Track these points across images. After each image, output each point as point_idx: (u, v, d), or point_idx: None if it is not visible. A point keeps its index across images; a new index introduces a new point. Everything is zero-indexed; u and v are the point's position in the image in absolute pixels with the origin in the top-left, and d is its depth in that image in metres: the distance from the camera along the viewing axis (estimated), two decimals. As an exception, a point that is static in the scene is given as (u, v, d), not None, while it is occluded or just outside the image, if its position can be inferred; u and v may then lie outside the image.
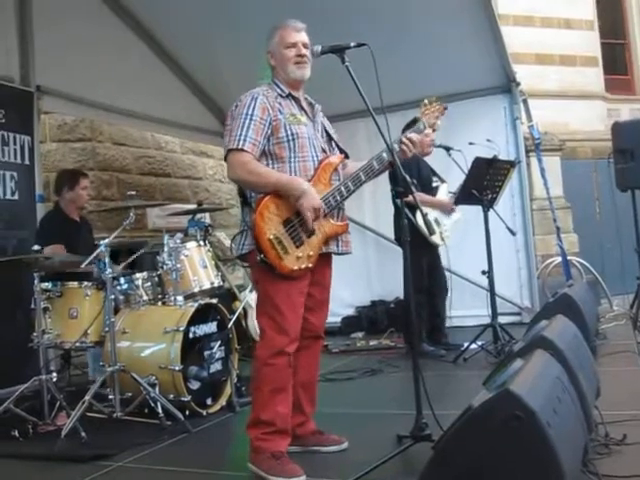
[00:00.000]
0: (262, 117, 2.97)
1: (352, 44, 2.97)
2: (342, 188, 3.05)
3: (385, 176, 5.02)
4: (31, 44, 5.46)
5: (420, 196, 4.87)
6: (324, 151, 3.16)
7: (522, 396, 1.93)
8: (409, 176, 3.18)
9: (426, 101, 3.41)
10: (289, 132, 3.01)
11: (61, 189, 5.08)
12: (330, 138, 3.28)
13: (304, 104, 3.21)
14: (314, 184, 2.99)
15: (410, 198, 3.20)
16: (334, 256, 3.21)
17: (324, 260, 3.11)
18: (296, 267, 2.90)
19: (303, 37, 3.13)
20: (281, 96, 3.10)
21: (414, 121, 3.48)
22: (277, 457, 2.87)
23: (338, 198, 3.03)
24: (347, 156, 3.27)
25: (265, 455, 2.89)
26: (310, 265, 2.95)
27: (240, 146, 2.92)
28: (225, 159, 3.03)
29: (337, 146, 3.30)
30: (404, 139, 3.17)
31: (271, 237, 2.85)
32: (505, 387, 1.99)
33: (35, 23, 5.46)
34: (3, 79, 5.24)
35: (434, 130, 3.83)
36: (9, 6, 5.36)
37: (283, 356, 2.94)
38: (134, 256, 4.44)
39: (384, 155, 3.11)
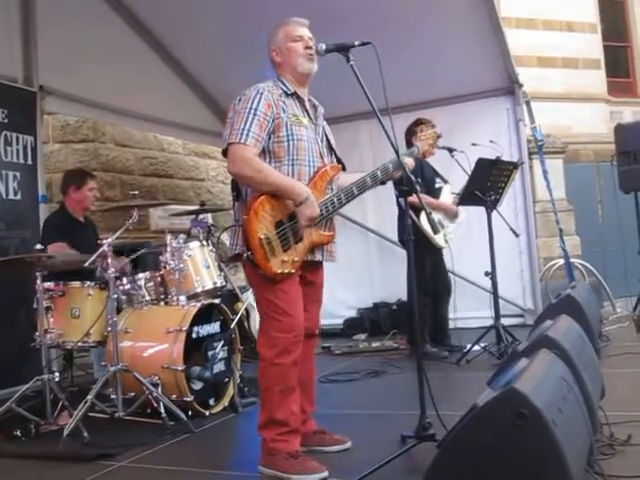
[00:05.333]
0: (266, 113, 2.91)
1: (357, 42, 2.96)
2: (335, 199, 3.04)
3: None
4: (34, 44, 5.48)
5: (424, 198, 4.88)
6: (322, 157, 3.13)
7: (528, 394, 1.92)
8: (413, 176, 3.19)
9: (422, 127, 3.52)
10: (290, 132, 2.97)
11: (67, 188, 4.97)
12: (330, 145, 3.26)
13: (307, 105, 3.16)
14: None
15: (414, 198, 3.21)
16: (336, 257, 3.21)
17: (315, 266, 3.14)
18: (279, 271, 2.86)
19: (308, 32, 3.11)
20: (286, 94, 3.04)
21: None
22: (295, 456, 2.86)
23: (330, 209, 3.02)
24: (344, 168, 3.25)
25: (281, 456, 2.86)
26: (293, 271, 2.92)
27: (243, 140, 2.85)
28: (224, 152, 2.96)
29: (335, 155, 3.27)
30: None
31: (262, 237, 2.81)
32: (510, 385, 1.99)
33: (38, 23, 5.47)
34: (6, 79, 5.26)
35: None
36: (12, 6, 5.38)
37: (289, 355, 2.91)
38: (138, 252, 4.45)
39: (388, 167, 3.19)
